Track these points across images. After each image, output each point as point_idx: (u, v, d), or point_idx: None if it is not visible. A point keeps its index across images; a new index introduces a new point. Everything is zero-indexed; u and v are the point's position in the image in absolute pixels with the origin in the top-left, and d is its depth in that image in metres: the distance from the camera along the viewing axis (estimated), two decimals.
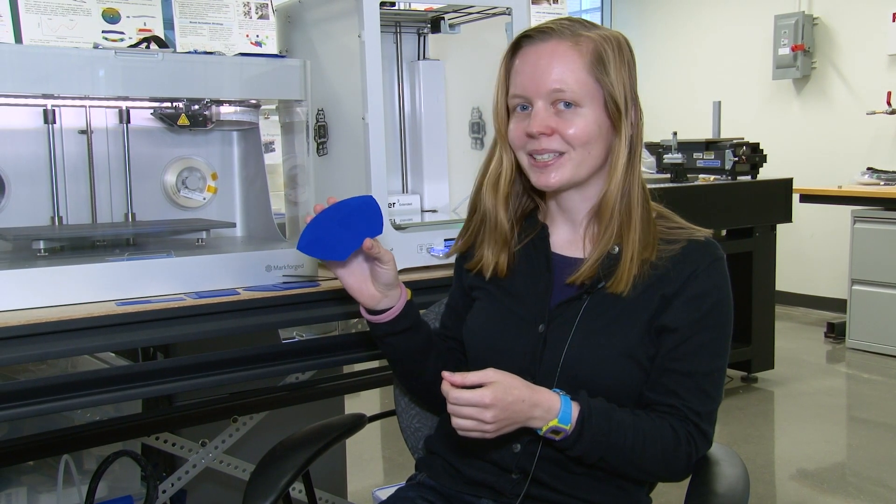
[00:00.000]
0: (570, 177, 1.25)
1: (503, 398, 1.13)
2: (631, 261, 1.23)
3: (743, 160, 4.04)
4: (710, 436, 1.27)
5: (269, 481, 1.33)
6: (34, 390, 1.34)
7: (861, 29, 5.51)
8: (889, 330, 4.55)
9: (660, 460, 1.23)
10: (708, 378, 1.25)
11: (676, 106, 6.41)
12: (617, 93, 1.22)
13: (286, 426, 1.71)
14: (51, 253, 1.58)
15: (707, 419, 1.25)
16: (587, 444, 1.19)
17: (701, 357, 1.24)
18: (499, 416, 1.14)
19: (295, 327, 2.36)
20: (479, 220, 1.36)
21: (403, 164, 2.04)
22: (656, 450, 1.22)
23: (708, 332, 1.24)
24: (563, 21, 1.27)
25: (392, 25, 2.00)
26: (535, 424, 1.17)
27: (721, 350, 1.26)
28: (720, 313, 1.25)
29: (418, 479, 1.41)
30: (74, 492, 1.99)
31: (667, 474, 1.26)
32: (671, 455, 1.23)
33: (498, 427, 1.15)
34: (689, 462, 1.25)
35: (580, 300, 1.26)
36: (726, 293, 1.26)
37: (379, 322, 1.34)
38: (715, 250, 1.26)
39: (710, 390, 1.26)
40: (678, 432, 1.23)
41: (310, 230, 1.28)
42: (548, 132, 1.23)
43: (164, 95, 1.62)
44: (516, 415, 1.15)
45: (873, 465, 3.17)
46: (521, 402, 1.15)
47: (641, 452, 1.21)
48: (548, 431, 1.18)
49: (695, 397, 1.24)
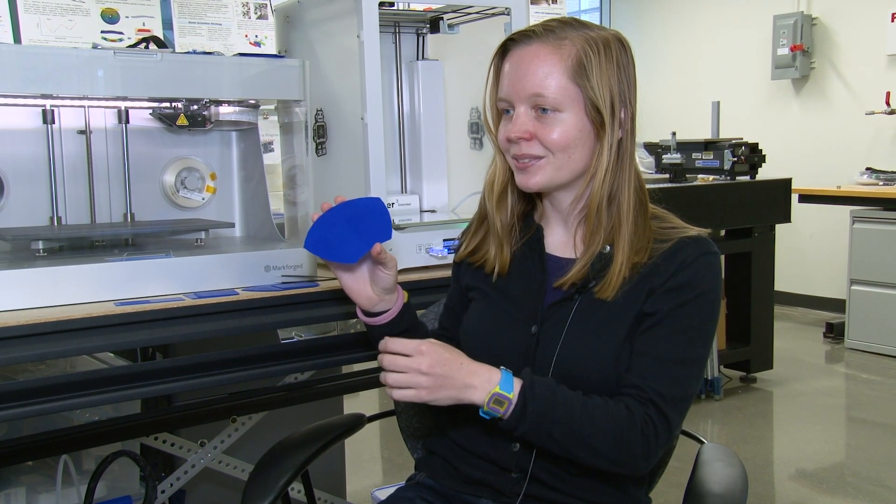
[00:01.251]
0: (549, 180, 1.26)
1: (440, 351, 1.16)
2: (622, 264, 1.22)
3: (742, 160, 4.04)
4: (673, 422, 1.20)
5: (268, 481, 1.33)
6: (33, 390, 1.34)
7: (860, 29, 5.52)
8: (888, 330, 4.55)
9: (612, 440, 1.16)
10: (681, 366, 1.20)
11: (675, 106, 6.41)
12: (598, 98, 1.21)
13: (285, 426, 1.71)
14: (50, 253, 1.58)
15: (672, 404, 1.19)
16: (533, 416, 1.15)
17: (675, 343, 1.20)
18: (434, 368, 1.14)
19: (294, 327, 2.36)
20: (481, 219, 1.38)
21: (402, 164, 2.04)
22: (607, 427, 1.16)
23: (687, 320, 1.21)
24: (551, 22, 1.26)
25: (391, 26, 2.00)
26: (475, 396, 1.15)
27: (699, 341, 1.22)
28: (703, 305, 1.22)
29: (417, 478, 1.41)
30: (73, 492, 1.99)
31: (622, 457, 1.18)
32: (625, 435, 1.16)
33: (433, 382, 1.14)
34: (648, 448, 1.18)
35: (572, 301, 1.26)
36: (712, 287, 1.23)
37: (375, 324, 1.34)
38: (706, 245, 1.25)
39: (682, 378, 1.20)
40: (634, 413, 1.17)
41: (317, 228, 1.28)
42: (526, 136, 1.24)
43: (163, 95, 1.62)
44: (453, 375, 1.15)
45: (872, 465, 3.17)
46: (459, 365, 1.16)
47: (591, 429, 1.16)
48: (490, 401, 1.15)
49: (661, 381, 1.19)
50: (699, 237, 1.26)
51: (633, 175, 1.26)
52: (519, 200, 1.35)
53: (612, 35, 1.26)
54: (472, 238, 1.39)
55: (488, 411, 1.16)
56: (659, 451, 1.20)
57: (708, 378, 3.88)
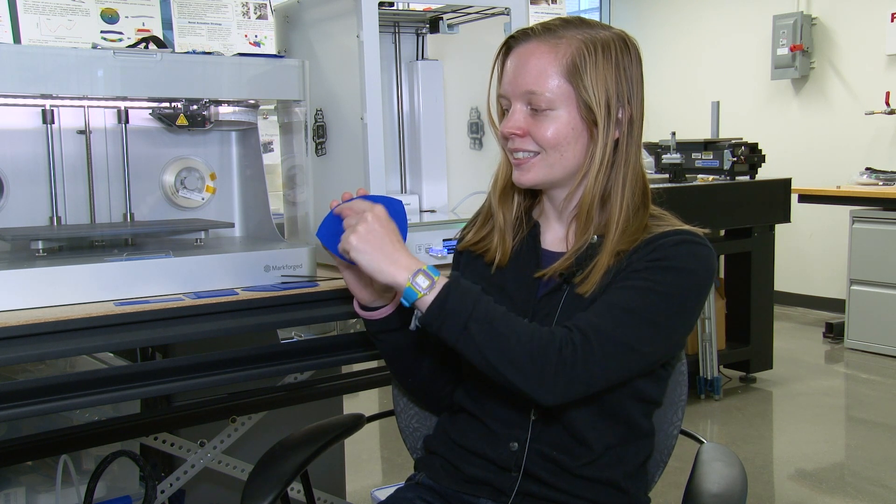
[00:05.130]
0: (542, 177, 1.27)
1: (382, 221, 1.18)
2: (607, 256, 1.22)
3: (741, 160, 4.04)
4: (596, 353, 1.13)
5: (267, 481, 1.33)
6: (33, 390, 1.34)
7: (860, 29, 5.52)
8: (887, 330, 4.55)
9: (527, 348, 1.12)
10: (628, 313, 1.16)
11: (675, 106, 6.41)
12: (592, 98, 1.22)
13: (285, 426, 1.71)
14: (49, 253, 1.58)
15: (602, 335, 1.14)
16: (455, 302, 1.13)
17: (630, 294, 1.17)
18: (374, 223, 1.17)
19: (293, 327, 2.37)
20: (487, 214, 1.40)
21: (402, 164, 2.04)
22: (524, 335, 1.13)
23: (652, 283, 1.18)
24: (553, 22, 1.27)
25: (391, 25, 2.00)
26: (398, 273, 1.15)
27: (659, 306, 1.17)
28: (674, 277, 1.19)
29: (417, 479, 1.41)
30: (73, 492, 1.99)
31: (533, 371, 1.12)
32: (542, 346, 1.12)
33: (367, 231, 1.16)
34: (563, 365, 1.12)
35: (560, 291, 1.26)
36: (690, 268, 1.20)
37: (372, 319, 1.35)
38: (691, 236, 1.24)
39: (624, 321, 1.15)
40: (555, 333, 1.14)
41: (331, 220, 1.28)
42: (520, 133, 1.26)
43: (163, 95, 1.62)
44: (383, 241, 1.16)
45: (872, 465, 3.17)
46: (393, 241, 1.18)
47: (509, 332, 1.13)
48: (414, 276, 1.14)
49: (598, 316, 1.16)
50: (687, 230, 1.26)
51: (631, 175, 1.26)
52: (525, 196, 1.37)
53: (614, 35, 1.26)
54: (478, 230, 1.40)
55: (409, 288, 1.14)
56: (574, 381, 1.13)
57: (707, 378, 3.88)
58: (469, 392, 1.36)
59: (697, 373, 3.88)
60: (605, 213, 1.26)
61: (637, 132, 1.27)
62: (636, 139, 1.28)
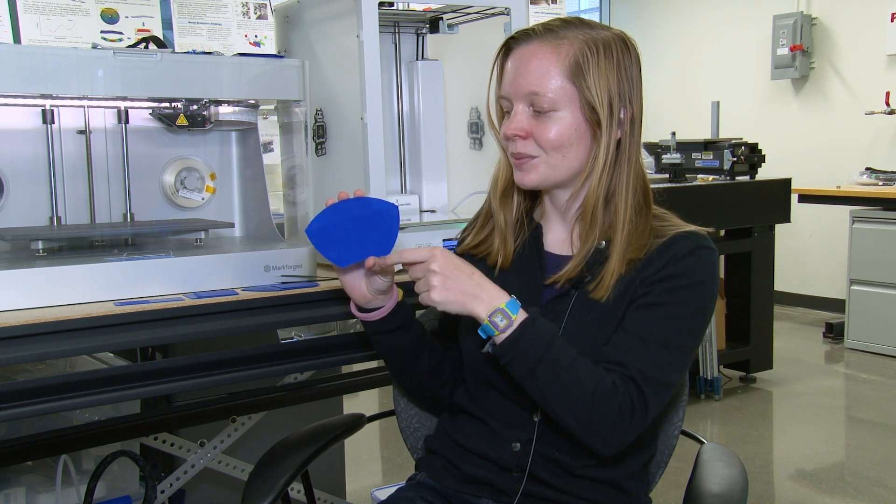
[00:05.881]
0: (544, 178, 1.27)
1: (452, 256, 1.19)
2: (617, 262, 1.22)
3: (741, 160, 4.04)
4: (650, 407, 1.18)
5: (267, 481, 1.33)
6: (33, 390, 1.34)
7: (860, 29, 5.52)
8: (887, 330, 4.55)
9: (589, 402, 1.15)
10: (664, 350, 1.19)
11: (675, 106, 6.41)
12: (595, 98, 1.22)
13: (285, 426, 1.71)
14: (49, 253, 1.58)
15: (653, 388, 1.18)
16: (525, 346, 1.15)
17: (661, 327, 1.19)
18: (445, 269, 1.17)
19: (293, 327, 2.37)
20: (487, 215, 1.40)
21: (402, 164, 2.04)
22: (588, 387, 1.15)
23: (676, 307, 1.20)
24: (554, 22, 1.27)
25: (391, 25, 2.00)
26: (479, 308, 1.17)
27: (686, 331, 1.21)
28: (695, 295, 1.21)
29: (418, 478, 1.41)
30: (73, 492, 1.99)
31: (591, 423, 1.15)
32: (604, 399, 1.15)
33: (443, 282, 1.17)
34: (620, 425, 1.16)
35: (568, 297, 1.26)
36: (706, 280, 1.22)
37: (368, 320, 1.35)
38: (701, 240, 1.25)
39: (664, 363, 1.19)
40: (618, 388, 1.16)
41: (323, 217, 1.27)
42: (522, 134, 1.25)
43: (163, 95, 1.62)
44: (463, 280, 1.17)
45: (872, 465, 3.17)
46: (471, 272, 1.19)
47: (573, 382, 1.15)
48: (493, 314, 1.16)
49: (643, 361, 1.18)
50: (695, 233, 1.26)
51: (634, 175, 1.26)
52: (526, 197, 1.36)
53: (614, 35, 1.25)
54: (477, 233, 1.40)
55: (487, 325, 1.16)
56: (628, 434, 1.18)
57: (708, 378, 3.88)
58: (470, 393, 1.36)
59: (697, 373, 3.88)
60: (610, 213, 1.26)
61: (638, 131, 1.28)
62: (637, 138, 1.28)
